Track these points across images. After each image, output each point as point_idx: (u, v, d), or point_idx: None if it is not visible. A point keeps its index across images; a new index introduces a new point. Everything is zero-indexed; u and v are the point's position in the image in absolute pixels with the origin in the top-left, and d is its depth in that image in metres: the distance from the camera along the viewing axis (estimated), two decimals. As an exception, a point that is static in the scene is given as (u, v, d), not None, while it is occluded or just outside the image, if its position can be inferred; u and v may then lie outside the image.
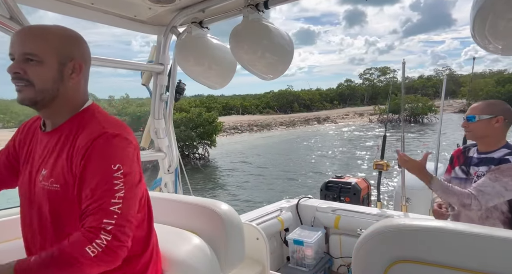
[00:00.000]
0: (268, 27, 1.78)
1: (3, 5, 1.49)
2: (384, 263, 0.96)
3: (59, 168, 0.98)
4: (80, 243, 0.87)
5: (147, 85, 2.42)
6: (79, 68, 1.03)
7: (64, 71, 1.00)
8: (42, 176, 1.00)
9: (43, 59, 0.96)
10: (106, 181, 0.93)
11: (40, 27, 1.00)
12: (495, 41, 1.25)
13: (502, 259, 0.84)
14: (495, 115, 1.76)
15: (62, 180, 0.97)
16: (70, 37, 1.03)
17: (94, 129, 0.98)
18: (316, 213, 2.97)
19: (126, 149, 1.00)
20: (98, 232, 0.88)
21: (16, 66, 0.96)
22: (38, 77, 0.96)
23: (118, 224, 0.91)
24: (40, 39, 0.97)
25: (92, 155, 0.94)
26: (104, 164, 0.94)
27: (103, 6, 1.88)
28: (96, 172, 0.93)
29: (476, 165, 1.83)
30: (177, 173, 2.56)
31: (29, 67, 0.96)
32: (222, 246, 1.40)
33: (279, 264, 2.84)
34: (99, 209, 0.90)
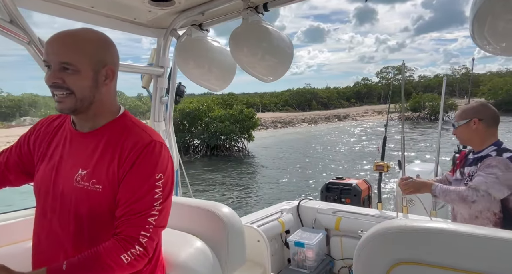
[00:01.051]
0: (268, 30, 1.78)
1: (3, 8, 1.49)
2: (385, 265, 0.96)
3: (103, 169, 1.00)
4: (116, 251, 0.94)
5: (147, 88, 2.42)
6: (112, 74, 1.06)
7: (99, 78, 1.03)
8: (79, 175, 1.01)
9: (79, 68, 0.98)
10: (149, 190, 0.99)
11: (73, 35, 1.00)
12: (494, 42, 1.25)
13: (505, 260, 0.84)
14: (470, 118, 1.89)
15: (105, 182, 1.00)
16: (101, 42, 1.04)
17: (142, 136, 1.04)
18: (317, 215, 2.96)
19: (169, 158, 1.06)
20: (135, 242, 0.96)
21: (54, 75, 0.97)
22: (77, 86, 0.98)
23: (151, 236, 0.98)
24: (75, 47, 0.98)
25: (142, 161, 1.00)
26: (150, 172, 1.00)
27: (103, 9, 1.89)
28: (143, 180, 0.99)
29: (469, 165, 1.94)
30: (177, 175, 2.56)
31: (66, 76, 0.97)
32: (223, 249, 1.40)
33: (280, 266, 2.84)
34: (139, 220, 0.97)
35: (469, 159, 1.97)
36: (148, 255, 0.99)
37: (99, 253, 0.93)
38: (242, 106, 22.28)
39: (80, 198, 1.00)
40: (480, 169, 1.77)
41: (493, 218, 1.75)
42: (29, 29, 1.56)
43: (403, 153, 3.23)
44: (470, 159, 1.97)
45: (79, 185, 1.00)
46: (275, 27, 1.82)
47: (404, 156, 3.23)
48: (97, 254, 0.93)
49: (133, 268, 0.97)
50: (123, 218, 0.97)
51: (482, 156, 1.86)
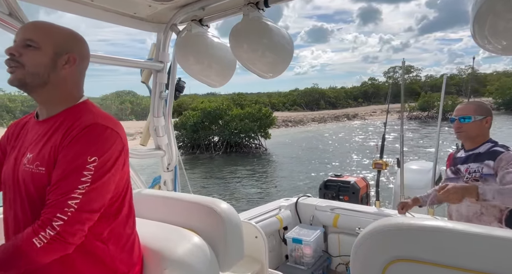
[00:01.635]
0: (268, 26, 1.77)
1: (2, 1, 1.48)
2: (382, 262, 0.97)
3: (45, 152, 1.00)
4: (29, 234, 0.92)
5: (147, 83, 2.41)
6: (73, 61, 1.07)
7: (58, 61, 1.05)
8: (27, 159, 1.02)
9: (40, 46, 1.02)
10: (76, 171, 0.95)
11: (48, 23, 1.07)
12: (495, 41, 1.25)
13: (501, 258, 0.84)
14: (486, 116, 1.87)
15: (47, 163, 0.98)
16: (71, 34, 1.10)
17: (86, 119, 1.02)
18: (315, 212, 2.97)
19: (112, 142, 1.01)
20: (46, 226, 0.92)
21: (13, 48, 1.01)
22: (30, 61, 1.01)
23: (69, 220, 0.93)
24: (43, 30, 1.04)
25: (75, 142, 0.97)
26: (81, 153, 0.96)
27: (103, 3, 1.87)
28: (71, 161, 0.95)
29: (464, 163, 1.90)
30: (176, 171, 2.56)
31: (25, 51, 1.01)
32: (221, 245, 1.40)
33: (278, 262, 2.85)
34: (58, 201, 0.93)
35: (461, 157, 1.95)
36: (65, 240, 0.93)
37: (16, 239, 0.93)
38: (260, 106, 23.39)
39: (27, 181, 1.01)
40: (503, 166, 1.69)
41: (499, 215, 1.73)
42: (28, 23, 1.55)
43: (401, 151, 3.24)
44: (461, 156, 1.95)
45: (26, 168, 1.01)
46: (275, 23, 1.82)
47: (402, 154, 3.24)
48: (15, 239, 0.94)
49: (49, 253, 0.93)
50: (48, 198, 0.95)
51: (480, 152, 1.84)
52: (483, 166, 1.78)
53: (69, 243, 0.95)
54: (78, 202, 0.94)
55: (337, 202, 3.26)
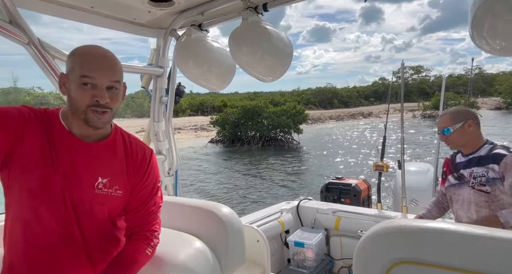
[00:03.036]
0: (267, 30, 1.78)
1: (3, 9, 1.49)
2: (385, 265, 0.96)
3: (119, 177, 1.16)
4: (143, 248, 1.17)
5: (147, 88, 2.42)
6: (125, 89, 1.18)
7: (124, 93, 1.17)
8: (101, 183, 1.12)
9: (119, 87, 1.11)
10: (156, 192, 1.25)
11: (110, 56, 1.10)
12: (494, 42, 1.25)
13: (504, 260, 0.84)
14: (466, 120, 1.86)
15: (124, 187, 1.16)
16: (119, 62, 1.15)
17: (143, 147, 1.25)
18: (317, 215, 2.96)
19: None
20: (153, 236, 1.21)
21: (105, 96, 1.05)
22: (116, 103, 1.10)
23: (159, 228, 1.25)
24: (118, 69, 1.10)
25: (151, 171, 1.23)
26: (156, 179, 1.26)
27: (102, 9, 1.89)
28: (153, 186, 1.24)
29: (466, 167, 1.88)
30: (177, 175, 2.56)
31: (112, 95, 1.07)
32: (223, 249, 1.40)
33: (280, 266, 2.84)
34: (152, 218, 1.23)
35: (462, 162, 1.93)
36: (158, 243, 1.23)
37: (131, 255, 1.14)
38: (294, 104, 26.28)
39: (103, 203, 1.12)
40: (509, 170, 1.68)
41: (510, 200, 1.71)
42: (28, 30, 1.56)
43: (402, 153, 3.24)
44: (462, 161, 1.93)
45: (101, 192, 1.11)
46: (277, 26, 1.82)
47: (403, 156, 3.23)
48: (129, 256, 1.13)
49: (151, 256, 1.20)
50: (139, 218, 1.20)
51: (481, 155, 1.82)
52: (488, 170, 1.76)
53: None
54: (159, 214, 1.27)
55: (339, 204, 3.25)
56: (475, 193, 1.80)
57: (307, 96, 54.46)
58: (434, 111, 40.14)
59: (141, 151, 1.23)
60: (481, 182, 1.77)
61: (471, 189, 1.81)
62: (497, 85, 52.04)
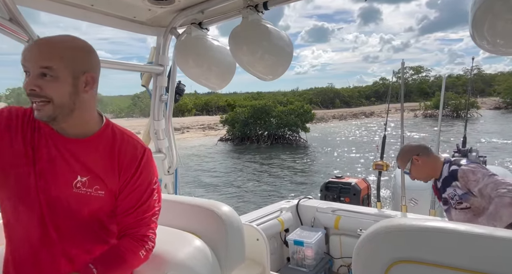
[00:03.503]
0: (268, 28, 1.78)
1: (3, 6, 1.49)
2: (384, 264, 0.96)
3: (103, 177, 1.06)
4: (136, 249, 1.09)
5: (147, 87, 2.42)
6: (92, 81, 1.04)
7: (79, 85, 1.01)
8: (80, 182, 1.04)
9: (58, 75, 0.96)
10: (151, 194, 1.14)
11: (52, 41, 0.99)
12: (494, 41, 1.25)
13: (503, 259, 0.84)
14: (410, 158, 2.02)
15: (107, 188, 1.07)
16: (81, 49, 1.03)
17: (135, 145, 1.13)
18: (316, 214, 2.97)
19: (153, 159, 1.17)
20: (147, 239, 1.12)
21: (32, 82, 0.94)
22: (55, 93, 0.96)
23: (155, 231, 1.16)
24: (53, 53, 0.96)
25: (142, 171, 1.11)
26: (150, 179, 1.14)
27: (102, 7, 1.88)
28: (146, 186, 1.12)
29: (443, 191, 2.02)
30: (176, 174, 2.56)
31: (44, 83, 0.95)
32: (222, 247, 1.40)
33: (280, 265, 2.84)
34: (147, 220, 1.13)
35: (439, 187, 2.05)
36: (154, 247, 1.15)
37: (123, 253, 1.06)
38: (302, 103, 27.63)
39: (81, 202, 1.04)
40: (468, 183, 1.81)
41: None
42: (28, 28, 1.55)
43: None
44: (439, 187, 2.05)
45: (80, 191, 1.03)
46: (275, 26, 1.82)
47: None
48: (121, 254, 1.06)
49: (145, 260, 1.13)
50: (133, 222, 1.11)
51: (446, 176, 1.95)
52: (455, 188, 1.90)
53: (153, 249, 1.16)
54: (157, 217, 1.17)
55: (338, 203, 3.25)
56: (460, 212, 1.91)
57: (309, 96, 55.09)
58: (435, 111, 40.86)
59: (131, 149, 1.11)
60: (458, 201, 1.89)
61: (455, 210, 1.94)
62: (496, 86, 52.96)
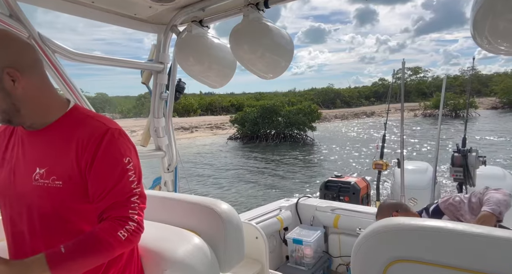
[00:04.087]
0: (268, 27, 1.77)
1: (3, 3, 1.48)
2: (383, 262, 0.96)
3: (61, 166, 0.99)
4: (113, 228, 0.96)
5: (147, 84, 2.42)
6: (16, 75, 0.94)
7: (6, 85, 0.93)
8: (38, 174, 0.99)
9: None
10: (123, 175, 1.00)
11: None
12: (496, 41, 1.25)
13: (501, 259, 0.84)
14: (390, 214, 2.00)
15: (65, 177, 0.98)
16: None
17: (96, 126, 1.01)
18: (316, 212, 2.97)
19: (130, 141, 1.07)
20: (128, 219, 0.99)
21: None
22: None
23: (139, 213, 1.02)
24: None
25: (104, 151, 0.98)
26: (117, 159, 1.00)
27: (103, 4, 1.88)
28: (113, 167, 0.99)
29: None
30: (176, 171, 2.56)
31: None
32: (222, 245, 1.40)
33: (278, 263, 2.85)
34: (124, 202, 1.00)
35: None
36: (142, 230, 1.02)
37: (97, 233, 0.95)
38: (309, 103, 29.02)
39: (41, 195, 0.99)
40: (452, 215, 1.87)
41: None
42: (28, 24, 1.55)
43: (402, 151, 3.24)
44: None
45: (38, 184, 0.99)
46: (275, 24, 1.82)
47: (402, 155, 3.24)
48: (95, 234, 0.95)
49: (130, 244, 1.00)
50: (108, 204, 0.98)
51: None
52: None
53: (141, 233, 1.03)
54: (138, 197, 1.02)
55: (338, 202, 3.26)
56: None
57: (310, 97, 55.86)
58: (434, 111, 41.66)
59: (90, 130, 0.99)
60: None
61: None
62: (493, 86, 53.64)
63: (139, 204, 1.03)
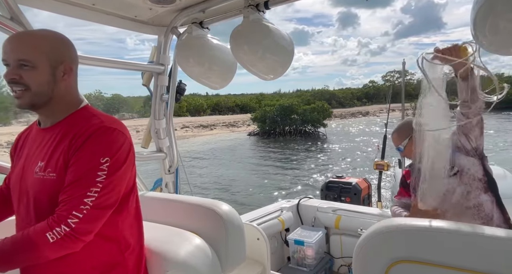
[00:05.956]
0: (269, 28, 1.78)
1: (4, 5, 1.49)
2: (385, 263, 0.96)
3: (56, 158, 1.02)
4: (42, 229, 0.94)
5: (148, 86, 2.42)
6: (70, 70, 1.09)
7: (57, 74, 1.06)
8: (38, 167, 1.04)
9: (35, 65, 1.02)
10: (90, 172, 0.98)
11: (30, 34, 1.08)
12: (495, 41, 1.25)
13: (503, 259, 0.84)
14: (409, 136, 1.89)
15: (58, 169, 1.01)
16: (59, 41, 1.09)
17: (93, 122, 1.05)
18: (317, 213, 2.97)
19: (121, 143, 1.05)
20: (61, 222, 0.94)
21: (12, 72, 1.01)
22: (33, 81, 1.02)
23: (84, 218, 0.95)
24: (31, 45, 1.02)
25: (87, 145, 1.00)
26: (94, 155, 0.99)
27: (104, 6, 1.88)
28: (85, 163, 0.99)
29: None
30: (177, 173, 2.56)
31: (24, 72, 1.01)
32: (223, 247, 1.40)
33: (280, 264, 2.84)
34: (73, 200, 0.96)
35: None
36: (79, 237, 0.95)
37: (28, 232, 0.95)
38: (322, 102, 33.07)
39: (38, 188, 1.03)
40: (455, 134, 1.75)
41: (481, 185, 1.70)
42: (29, 27, 1.55)
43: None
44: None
45: (37, 176, 1.03)
46: (275, 25, 1.82)
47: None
48: (27, 232, 0.95)
49: (61, 249, 0.95)
50: (62, 199, 0.97)
51: None
52: None
53: (80, 241, 0.97)
54: (93, 199, 0.97)
55: (339, 203, 3.25)
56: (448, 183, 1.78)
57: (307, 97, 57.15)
58: None
59: (85, 125, 1.03)
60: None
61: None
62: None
63: (93, 208, 0.96)
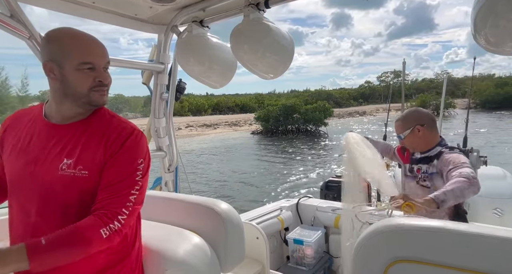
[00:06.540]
0: (269, 27, 1.77)
1: (4, 3, 1.49)
2: (384, 263, 0.96)
3: (87, 157, 1.07)
4: (96, 225, 0.99)
5: (148, 85, 2.42)
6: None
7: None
8: (65, 164, 1.06)
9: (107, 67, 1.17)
10: (132, 173, 1.09)
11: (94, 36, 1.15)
12: (496, 41, 1.25)
13: (502, 259, 0.84)
14: (414, 126, 1.96)
15: (91, 168, 1.07)
16: None
17: (124, 126, 1.14)
18: (316, 213, 2.97)
19: (147, 145, 1.18)
20: (114, 218, 1.02)
21: (107, 75, 1.14)
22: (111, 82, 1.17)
23: (130, 213, 1.06)
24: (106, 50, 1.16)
25: (125, 149, 1.09)
26: (133, 158, 1.11)
27: (104, 5, 1.88)
28: (128, 164, 1.09)
29: (417, 163, 2.02)
30: (177, 172, 2.57)
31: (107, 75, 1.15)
32: (222, 245, 1.40)
33: (279, 263, 2.85)
34: (121, 198, 1.05)
35: (416, 157, 2.04)
36: (123, 232, 1.05)
37: (78, 227, 0.98)
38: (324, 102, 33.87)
39: (68, 184, 1.06)
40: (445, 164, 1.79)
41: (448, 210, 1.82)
42: (29, 24, 1.55)
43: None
44: (417, 157, 2.04)
45: (65, 173, 1.05)
46: (276, 24, 1.82)
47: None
48: (76, 228, 0.98)
49: (109, 242, 1.02)
50: (105, 197, 1.04)
51: (431, 155, 1.94)
52: (430, 166, 1.91)
53: (122, 235, 1.06)
54: (135, 197, 1.08)
55: (338, 202, 3.25)
56: (419, 187, 1.96)
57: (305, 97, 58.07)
58: None
59: (118, 131, 1.12)
60: (423, 177, 1.93)
61: (416, 184, 1.99)
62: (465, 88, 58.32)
63: (134, 204, 1.08)
